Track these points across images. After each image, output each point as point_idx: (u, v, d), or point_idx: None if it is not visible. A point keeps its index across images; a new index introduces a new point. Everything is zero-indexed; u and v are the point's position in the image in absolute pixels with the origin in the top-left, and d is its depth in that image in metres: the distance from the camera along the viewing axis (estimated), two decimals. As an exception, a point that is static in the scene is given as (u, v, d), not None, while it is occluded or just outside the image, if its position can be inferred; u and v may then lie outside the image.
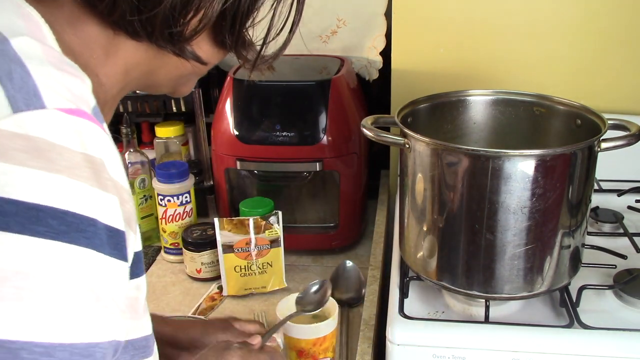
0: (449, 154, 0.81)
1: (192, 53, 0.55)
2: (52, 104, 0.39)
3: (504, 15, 1.25)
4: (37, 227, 0.37)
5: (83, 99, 0.42)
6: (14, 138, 0.37)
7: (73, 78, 0.42)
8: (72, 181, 0.39)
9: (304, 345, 0.87)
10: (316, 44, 1.38)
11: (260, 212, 1.10)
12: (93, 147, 0.40)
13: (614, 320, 0.86)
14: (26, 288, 0.36)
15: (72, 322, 0.38)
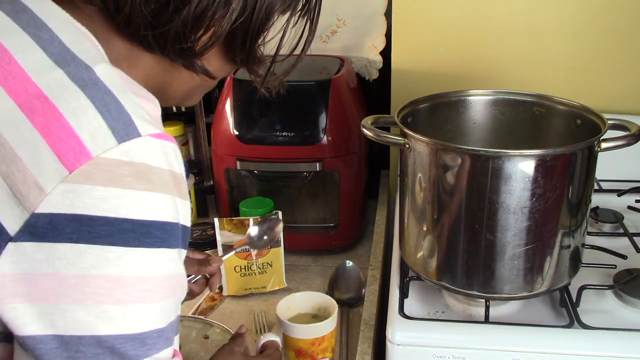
0: (449, 154, 0.81)
1: (202, 67, 0.58)
2: (145, 131, 0.46)
3: (504, 15, 1.25)
4: (148, 240, 0.46)
5: (158, 120, 0.49)
6: (121, 165, 0.44)
7: (148, 102, 0.49)
8: (165, 196, 0.47)
9: (303, 345, 0.87)
10: (316, 44, 1.37)
11: (260, 212, 1.10)
12: (174, 164, 0.48)
13: (614, 320, 0.86)
14: (146, 290, 0.46)
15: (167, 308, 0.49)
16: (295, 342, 0.88)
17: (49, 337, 0.44)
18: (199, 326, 1.00)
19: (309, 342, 0.87)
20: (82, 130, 0.43)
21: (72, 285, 0.44)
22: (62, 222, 0.43)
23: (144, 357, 0.47)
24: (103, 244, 0.44)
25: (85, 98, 0.45)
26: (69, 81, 0.45)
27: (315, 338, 0.87)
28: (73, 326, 0.44)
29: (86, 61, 0.47)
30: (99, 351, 0.45)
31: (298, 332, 0.87)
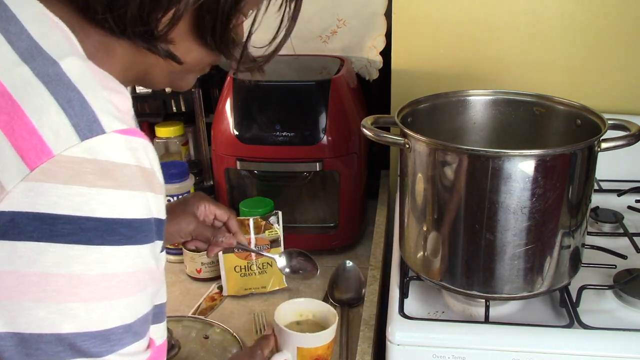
0: (449, 154, 0.81)
1: (165, 51, 0.56)
2: (110, 127, 0.45)
3: (504, 15, 1.25)
4: (112, 237, 0.45)
5: (128, 112, 0.48)
6: (84, 163, 0.43)
7: (117, 94, 0.48)
8: (132, 192, 0.46)
9: (322, 352, 0.86)
10: (316, 44, 1.38)
11: (260, 212, 1.10)
12: (143, 159, 0.47)
13: (614, 320, 0.86)
14: (111, 287, 0.46)
15: (139, 303, 0.49)
16: (314, 351, 0.86)
17: (8, 335, 0.44)
18: (199, 326, 1.00)
19: (327, 346, 0.86)
20: (44, 127, 0.43)
21: (34, 283, 0.43)
22: (24, 221, 0.42)
23: (109, 353, 0.47)
24: (65, 243, 0.43)
25: (49, 94, 0.44)
26: (34, 77, 0.44)
27: (331, 340, 0.87)
28: (34, 324, 0.44)
29: (53, 55, 0.46)
30: (59, 349, 0.45)
31: (316, 341, 0.85)
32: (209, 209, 0.94)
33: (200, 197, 0.96)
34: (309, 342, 0.85)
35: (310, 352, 0.85)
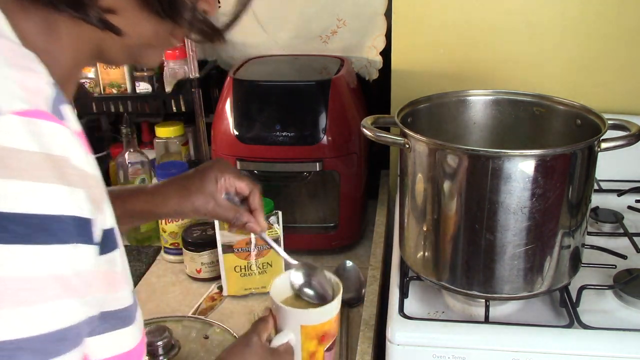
0: (449, 154, 0.81)
1: (100, 20, 0.50)
2: (7, 108, 0.39)
3: (504, 15, 1.25)
4: (4, 234, 0.38)
5: (40, 93, 0.42)
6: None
7: (26, 72, 0.42)
8: (31, 184, 0.39)
9: (329, 327, 0.76)
10: (316, 44, 1.38)
11: (260, 212, 1.10)
12: (53, 145, 0.40)
13: (614, 320, 0.86)
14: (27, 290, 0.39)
15: (41, 315, 0.39)
16: (320, 328, 0.75)
17: None
18: (199, 326, 1.00)
19: (333, 320, 0.77)
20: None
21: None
22: None
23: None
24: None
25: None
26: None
27: (338, 313, 0.77)
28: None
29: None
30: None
31: (321, 315, 0.75)
32: (228, 182, 0.84)
33: (220, 167, 0.86)
34: (313, 318, 0.75)
35: (316, 329, 0.75)
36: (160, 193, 0.84)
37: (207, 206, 0.83)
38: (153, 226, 1.28)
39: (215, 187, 0.83)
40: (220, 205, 0.84)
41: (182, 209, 0.84)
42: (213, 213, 0.84)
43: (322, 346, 0.76)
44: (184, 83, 1.27)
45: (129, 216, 0.83)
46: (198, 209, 0.83)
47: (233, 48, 1.41)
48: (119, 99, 1.30)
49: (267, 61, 1.33)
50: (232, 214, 0.84)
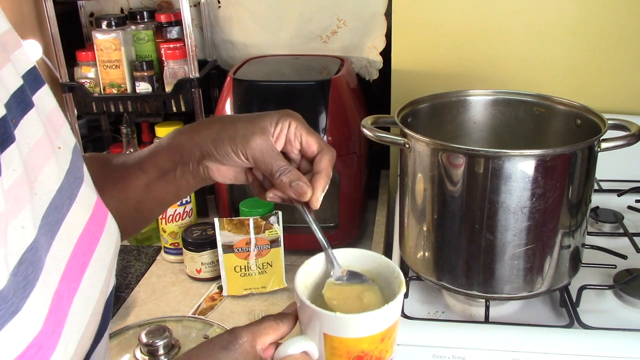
0: (449, 154, 0.81)
1: None
2: None
3: (504, 15, 1.25)
4: None
5: None
6: None
7: None
8: None
9: (367, 346, 0.53)
10: (316, 44, 1.38)
11: (260, 212, 1.10)
12: None
13: (614, 320, 0.86)
14: None
15: None
16: (355, 344, 0.53)
17: None
18: (199, 326, 1.00)
19: (378, 337, 0.53)
20: None
21: None
22: None
23: None
24: None
25: None
26: None
27: (387, 329, 0.53)
28: None
29: None
30: None
31: (360, 326, 0.52)
32: (293, 130, 0.64)
33: (286, 113, 0.67)
34: (344, 328, 0.52)
35: (347, 345, 0.52)
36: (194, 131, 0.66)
37: (250, 145, 0.62)
38: (153, 226, 1.28)
39: (270, 128, 0.64)
40: (269, 148, 0.62)
41: (216, 151, 0.64)
42: (257, 157, 0.62)
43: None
44: (184, 83, 1.27)
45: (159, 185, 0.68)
46: (237, 151, 0.63)
47: (233, 48, 1.41)
48: (119, 99, 1.30)
49: (267, 61, 1.33)
50: (280, 162, 0.62)
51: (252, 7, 1.36)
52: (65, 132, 0.60)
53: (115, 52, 1.27)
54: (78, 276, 0.53)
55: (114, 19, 1.28)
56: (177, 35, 1.32)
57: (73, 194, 0.56)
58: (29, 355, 0.41)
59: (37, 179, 0.51)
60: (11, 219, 0.45)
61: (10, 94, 0.53)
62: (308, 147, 0.64)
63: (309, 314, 0.53)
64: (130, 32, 1.31)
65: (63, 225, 0.53)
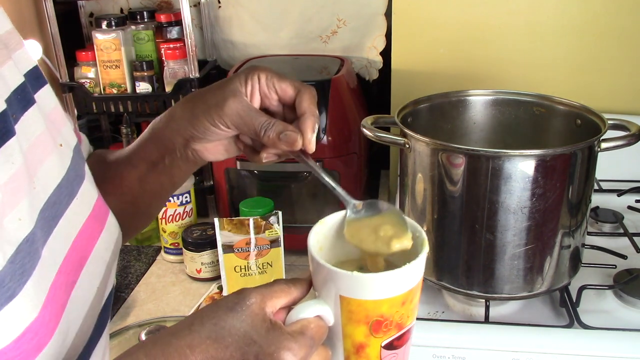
0: (449, 154, 0.81)
1: None
2: None
3: (504, 15, 1.25)
4: None
5: None
6: None
7: None
8: None
9: (387, 310, 0.49)
10: (316, 44, 1.38)
11: (260, 212, 1.10)
12: None
13: (614, 320, 0.86)
14: None
15: None
16: (373, 307, 0.48)
17: None
18: (199, 326, 1.00)
19: (399, 300, 0.49)
20: None
21: None
22: None
23: None
24: None
25: None
26: None
27: (409, 291, 0.49)
28: None
29: None
30: None
31: (377, 286, 0.48)
32: (264, 82, 0.61)
33: (252, 67, 0.62)
34: (360, 289, 0.48)
35: (366, 308, 0.48)
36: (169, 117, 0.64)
37: (225, 112, 0.58)
38: (153, 226, 1.28)
39: (241, 87, 0.60)
40: (245, 108, 0.59)
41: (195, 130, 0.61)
42: (236, 122, 0.59)
43: (377, 339, 0.50)
44: (184, 83, 1.27)
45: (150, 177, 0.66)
46: (215, 122, 0.59)
47: (233, 48, 1.41)
48: (119, 99, 1.30)
49: (267, 61, 1.33)
50: (261, 119, 0.59)
51: (252, 7, 1.36)
52: (66, 131, 0.61)
53: (115, 52, 1.27)
54: (76, 270, 0.54)
55: (114, 19, 1.28)
56: (177, 35, 1.32)
57: (73, 191, 0.57)
58: (25, 339, 0.42)
59: (37, 174, 0.52)
60: (8, 210, 0.46)
61: (12, 90, 0.53)
62: (284, 94, 0.61)
63: (323, 274, 0.49)
64: (130, 32, 1.31)
65: (62, 220, 0.54)
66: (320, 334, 0.47)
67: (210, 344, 0.44)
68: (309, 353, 0.45)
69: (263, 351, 0.44)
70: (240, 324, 0.45)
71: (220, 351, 0.43)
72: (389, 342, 0.51)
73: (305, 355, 0.45)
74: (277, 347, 0.44)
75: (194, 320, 0.46)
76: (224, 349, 0.43)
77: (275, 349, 0.44)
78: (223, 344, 0.44)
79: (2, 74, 0.53)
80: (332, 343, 0.50)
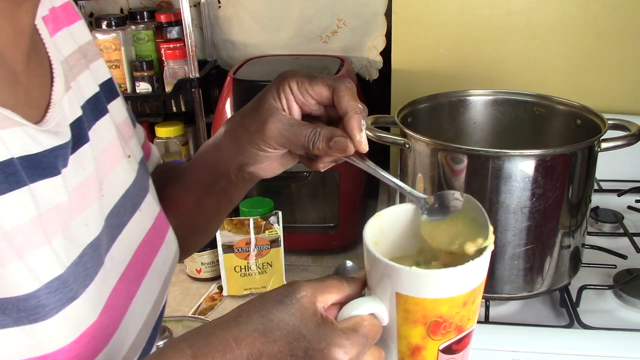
0: (449, 154, 0.81)
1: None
2: None
3: (504, 15, 1.25)
4: None
5: None
6: None
7: None
8: None
9: (448, 311, 0.46)
10: (316, 44, 1.37)
11: (260, 212, 1.10)
12: None
13: (614, 320, 0.86)
14: None
15: None
16: (432, 307, 0.45)
17: None
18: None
19: (460, 300, 0.46)
20: None
21: None
22: None
23: None
24: None
25: None
26: None
27: (471, 291, 0.46)
28: None
29: None
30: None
31: (438, 283, 0.45)
32: (298, 91, 0.56)
33: (282, 77, 0.57)
34: (418, 286, 0.45)
35: (424, 307, 0.45)
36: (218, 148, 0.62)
37: (268, 135, 0.56)
38: (153, 226, 1.28)
39: (275, 103, 0.56)
40: (285, 125, 0.56)
41: (245, 158, 0.59)
42: (282, 142, 0.56)
43: (435, 341, 0.47)
44: (184, 83, 1.27)
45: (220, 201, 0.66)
46: (261, 147, 0.57)
47: (233, 48, 1.41)
48: (119, 99, 1.30)
49: (267, 61, 1.33)
50: (305, 132, 0.56)
51: (252, 7, 1.36)
52: (133, 144, 0.63)
53: (115, 52, 1.27)
54: (137, 281, 0.55)
55: (114, 19, 1.28)
56: (177, 35, 1.32)
57: (137, 203, 0.58)
58: (83, 342, 0.43)
59: (104, 182, 0.53)
60: (76, 214, 0.47)
61: (86, 99, 0.55)
62: (320, 96, 0.57)
63: (379, 269, 0.46)
64: (130, 32, 1.31)
65: (125, 230, 0.55)
66: (374, 332, 0.44)
67: (257, 337, 0.42)
68: (362, 352, 0.43)
69: (312, 347, 0.41)
70: (290, 317, 0.42)
71: (267, 345, 0.41)
72: (448, 346, 0.48)
73: (357, 354, 0.42)
74: (327, 343, 0.41)
75: (241, 312, 0.44)
76: (271, 343, 0.41)
77: (325, 345, 0.41)
78: (271, 337, 0.41)
79: (79, 82, 0.55)
80: (386, 344, 0.47)
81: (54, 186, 0.44)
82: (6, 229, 0.39)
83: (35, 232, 0.41)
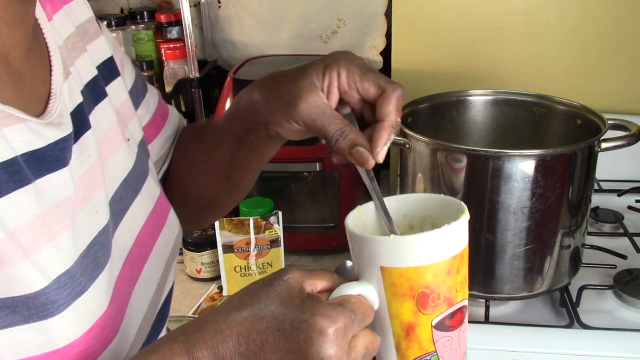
0: (449, 154, 0.81)
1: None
2: None
3: (504, 15, 1.25)
4: None
5: None
6: None
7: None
8: None
9: (432, 279, 0.47)
10: (316, 44, 1.37)
11: (260, 212, 1.10)
12: None
13: (614, 320, 0.86)
14: None
15: None
16: (416, 276, 0.46)
17: None
18: (199, 326, 1.00)
19: (443, 268, 0.48)
20: None
21: None
22: None
23: None
24: None
25: None
26: None
27: (451, 257, 0.49)
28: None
29: None
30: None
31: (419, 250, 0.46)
32: (344, 79, 0.54)
33: (335, 58, 0.54)
34: (400, 255, 0.46)
35: (409, 278, 0.46)
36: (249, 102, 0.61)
37: (298, 111, 0.53)
38: (153, 226, 1.28)
39: (317, 82, 0.54)
40: (319, 109, 0.53)
41: (270, 118, 0.57)
42: (308, 123, 0.54)
43: (426, 316, 0.46)
44: (184, 83, 1.27)
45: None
46: (287, 119, 0.55)
47: (233, 48, 1.41)
48: (119, 99, 1.30)
49: (267, 61, 1.33)
50: (334, 125, 0.54)
51: (252, 7, 1.36)
52: (132, 125, 0.61)
53: (115, 52, 1.27)
54: (140, 265, 0.55)
55: (114, 19, 1.28)
56: (177, 35, 1.32)
57: (138, 187, 0.58)
58: (94, 334, 0.43)
59: (105, 168, 0.52)
60: (83, 203, 0.47)
61: (84, 83, 0.54)
62: (367, 94, 0.54)
63: (362, 247, 0.48)
64: (130, 32, 1.31)
65: (127, 214, 0.55)
66: (362, 309, 0.45)
67: (245, 317, 0.43)
68: (349, 325, 0.43)
69: (298, 319, 0.42)
70: (276, 296, 0.43)
71: (255, 323, 0.42)
72: (440, 321, 0.48)
73: (344, 327, 0.42)
74: (312, 313, 0.42)
75: (232, 298, 0.45)
76: (259, 320, 0.42)
77: (310, 315, 0.42)
78: (258, 315, 0.43)
79: (77, 66, 0.54)
80: (381, 331, 0.47)
81: (60, 179, 0.44)
82: (12, 228, 0.39)
83: (41, 228, 0.41)
